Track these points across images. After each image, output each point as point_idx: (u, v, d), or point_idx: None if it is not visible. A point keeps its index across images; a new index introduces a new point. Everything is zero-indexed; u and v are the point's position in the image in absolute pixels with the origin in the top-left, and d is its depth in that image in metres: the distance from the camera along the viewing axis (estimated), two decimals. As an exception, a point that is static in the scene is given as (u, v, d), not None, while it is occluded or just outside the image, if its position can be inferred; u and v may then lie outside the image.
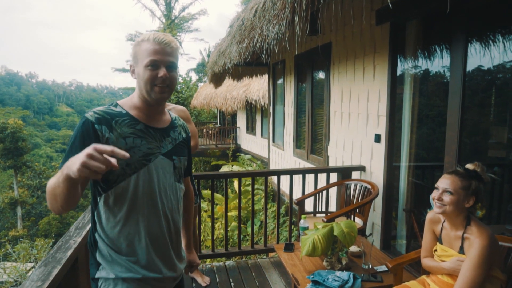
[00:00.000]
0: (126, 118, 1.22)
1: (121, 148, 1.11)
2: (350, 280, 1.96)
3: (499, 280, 1.56)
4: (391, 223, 3.32)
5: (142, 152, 1.21)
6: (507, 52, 2.41)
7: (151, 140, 1.25)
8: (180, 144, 1.37)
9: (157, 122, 1.30)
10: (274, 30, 2.75)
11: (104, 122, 1.17)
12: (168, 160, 1.29)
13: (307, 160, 5.15)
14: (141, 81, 1.21)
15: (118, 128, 1.18)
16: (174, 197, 1.32)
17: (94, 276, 1.23)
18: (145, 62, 1.19)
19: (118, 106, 1.25)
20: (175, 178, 1.33)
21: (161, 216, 1.26)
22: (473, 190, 1.58)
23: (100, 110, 1.20)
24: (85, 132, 1.14)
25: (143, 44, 1.21)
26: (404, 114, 3.10)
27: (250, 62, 5.42)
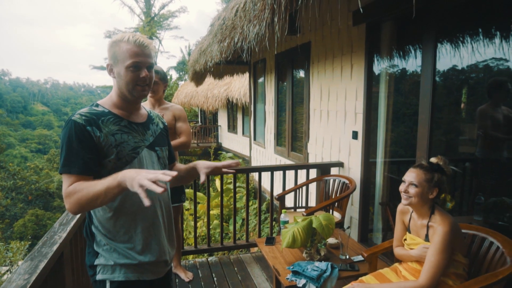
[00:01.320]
0: (110, 116, 1.29)
1: (112, 145, 1.25)
2: (328, 270, 2.06)
3: (462, 263, 1.69)
4: (368, 216, 3.46)
5: (130, 146, 1.30)
6: (475, 52, 2.56)
7: (136, 134, 1.34)
8: (159, 135, 1.46)
9: (137, 117, 1.39)
10: (254, 30, 2.82)
11: (93, 123, 1.24)
12: (151, 151, 1.38)
13: (288, 157, 5.25)
14: (122, 81, 1.29)
15: (105, 126, 1.26)
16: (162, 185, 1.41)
17: (93, 263, 1.31)
18: (127, 63, 1.26)
19: (99, 106, 1.32)
20: (161, 167, 1.43)
21: (153, 204, 1.34)
22: (436, 182, 1.70)
23: (85, 112, 1.26)
24: (80, 134, 1.20)
25: (122, 45, 1.27)
26: (380, 112, 3.23)
27: (231, 61, 5.46)
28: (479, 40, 2.55)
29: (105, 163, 1.25)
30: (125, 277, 1.30)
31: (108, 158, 1.25)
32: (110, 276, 1.30)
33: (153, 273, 1.37)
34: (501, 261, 1.65)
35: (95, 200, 1.14)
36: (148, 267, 1.34)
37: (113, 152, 1.25)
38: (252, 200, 6.70)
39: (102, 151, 1.24)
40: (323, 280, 1.99)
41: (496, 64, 2.48)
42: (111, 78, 1.35)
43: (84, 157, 1.20)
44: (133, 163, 1.30)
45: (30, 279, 1.28)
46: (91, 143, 1.22)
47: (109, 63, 1.31)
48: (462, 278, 1.70)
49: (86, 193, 1.14)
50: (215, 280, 3.07)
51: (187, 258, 3.62)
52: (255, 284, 2.98)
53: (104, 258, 1.29)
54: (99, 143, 1.23)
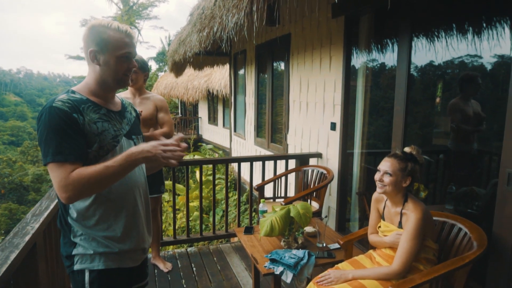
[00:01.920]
0: (89, 104, 1.26)
1: (95, 133, 1.22)
2: (305, 257, 2.10)
3: (432, 249, 1.75)
4: (346, 206, 3.53)
5: (111, 135, 1.28)
6: (449, 47, 2.63)
7: (114, 122, 1.32)
8: (134, 124, 1.45)
9: (114, 105, 1.37)
10: (233, 19, 2.80)
11: (76, 110, 1.20)
12: (129, 140, 1.37)
13: (268, 148, 5.28)
14: (110, 70, 1.27)
15: (86, 114, 1.22)
16: (141, 172, 1.41)
17: (70, 254, 1.28)
18: (120, 53, 1.25)
19: (76, 93, 1.27)
20: None
21: (133, 192, 1.34)
22: (409, 171, 1.76)
23: (65, 99, 1.21)
24: (68, 120, 1.16)
25: (111, 33, 1.24)
26: (358, 104, 3.28)
27: (211, 51, 5.42)
28: (453, 35, 2.63)
29: (88, 152, 1.22)
30: (105, 265, 1.28)
31: (91, 147, 1.22)
32: (89, 265, 1.27)
33: (133, 261, 1.37)
34: (468, 246, 1.73)
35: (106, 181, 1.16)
36: (128, 254, 1.34)
37: (95, 141, 1.22)
38: (232, 192, 6.71)
39: (86, 138, 1.20)
40: (300, 267, 2.02)
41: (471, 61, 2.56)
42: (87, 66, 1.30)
43: (77, 143, 1.17)
44: (114, 151, 1.27)
45: (0, 270, 1.25)
46: (80, 130, 1.18)
47: (93, 49, 1.24)
48: (432, 263, 1.76)
49: (97, 175, 1.13)
50: (194, 270, 3.07)
51: (167, 249, 3.61)
52: (234, 273, 3.00)
53: (83, 248, 1.27)
54: (84, 130, 1.20)
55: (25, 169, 21.80)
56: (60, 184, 1.12)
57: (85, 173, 1.13)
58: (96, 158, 1.23)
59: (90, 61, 1.27)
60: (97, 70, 1.28)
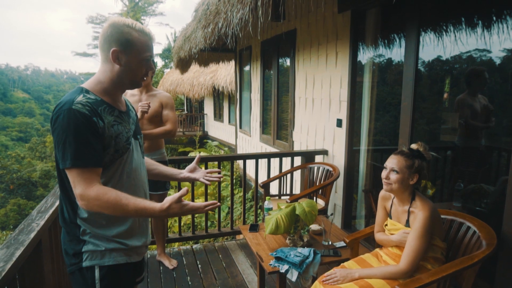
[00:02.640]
0: (105, 106, 1.24)
1: (112, 136, 1.22)
2: (311, 255, 2.08)
3: (440, 248, 1.73)
4: (352, 203, 3.50)
5: (124, 137, 1.29)
6: (458, 42, 2.58)
7: (125, 124, 1.32)
8: (137, 123, 1.46)
9: (122, 105, 1.36)
10: (238, 15, 2.77)
11: (96, 113, 1.19)
12: (136, 140, 1.38)
13: (273, 145, 5.25)
14: (131, 72, 1.26)
15: (105, 117, 1.22)
16: (145, 173, 1.45)
17: (80, 251, 1.26)
18: (144, 56, 1.25)
19: (90, 93, 1.24)
20: (142, 155, 1.45)
21: (140, 191, 1.37)
22: (416, 168, 1.73)
23: (84, 101, 1.18)
24: (88, 124, 1.15)
25: (137, 35, 1.23)
26: (364, 100, 3.24)
27: (216, 48, 5.39)
28: (461, 30, 2.57)
29: (104, 154, 1.22)
30: (115, 261, 1.30)
31: (107, 149, 1.22)
32: (100, 261, 1.27)
33: (138, 255, 1.42)
34: (477, 245, 1.70)
35: (117, 214, 1.17)
36: (135, 249, 1.38)
37: (111, 144, 1.23)
38: (238, 188, 6.71)
39: (103, 141, 1.20)
40: (306, 265, 2.01)
41: (479, 55, 2.51)
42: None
43: (97, 148, 1.17)
44: (127, 153, 1.29)
45: (5, 267, 1.25)
46: (99, 134, 1.18)
47: (116, 49, 1.21)
48: (440, 262, 1.74)
49: (113, 206, 1.14)
50: (199, 267, 3.07)
51: (172, 246, 3.62)
52: (239, 270, 3.00)
53: (93, 245, 1.26)
54: (102, 134, 1.19)
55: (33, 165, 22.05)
56: (78, 193, 1.14)
57: (105, 197, 1.13)
58: (112, 161, 1.24)
59: (110, 60, 1.23)
60: (116, 70, 1.25)
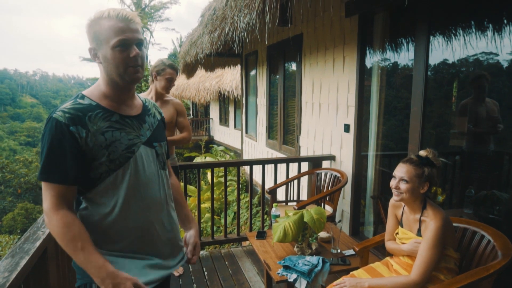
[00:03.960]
0: (99, 111, 1.13)
1: (102, 145, 1.09)
2: (320, 264, 2.04)
3: (453, 258, 1.67)
4: (360, 210, 3.45)
5: (124, 145, 1.14)
6: (467, 46, 2.54)
7: (130, 130, 1.18)
8: (157, 128, 1.30)
9: (131, 109, 1.22)
10: (245, 20, 2.76)
11: (78, 121, 1.08)
12: (149, 148, 1.23)
13: (280, 150, 5.22)
14: (111, 65, 1.11)
15: (93, 124, 1.10)
16: (161, 186, 1.26)
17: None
18: (113, 42, 1.08)
19: (85, 98, 1.15)
20: (160, 165, 1.27)
21: (149, 208, 1.21)
22: (426, 176, 1.67)
23: (69, 107, 1.09)
24: (60, 135, 1.05)
25: (103, 23, 1.09)
26: (372, 105, 3.20)
27: (222, 53, 5.40)
28: (471, 33, 2.53)
29: (95, 165, 1.11)
30: None
31: (98, 160, 1.10)
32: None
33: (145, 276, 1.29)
34: (492, 255, 1.64)
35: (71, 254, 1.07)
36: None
37: (103, 154, 1.10)
38: (244, 194, 6.67)
39: (90, 153, 1.09)
40: (314, 274, 1.97)
41: (486, 58, 2.47)
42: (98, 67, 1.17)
43: (66, 164, 1.06)
44: (128, 164, 1.14)
45: (10, 277, 1.23)
46: (75, 147, 1.06)
47: (91, 46, 1.12)
48: (454, 272, 1.69)
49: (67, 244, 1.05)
50: (205, 274, 3.04)
51: (178, 252, 3.58)
52: (246, 278, 2.96)
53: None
54: (86, 144, 1.08)
55: (41, 170, 22.21)
56: (44, 207, 1.07)
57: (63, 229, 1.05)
58: (108, 172, 1.12)
59: (94, 60, 1.15)
60: (102, 69, 1.15)
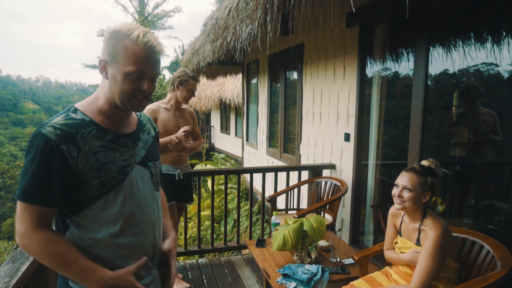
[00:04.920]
0: (92, 128, 1.03)
1: (93, 167, 1.00)
2: (319, 273, 2.04)
3: (452, 268, 1.68)
4: (360, 219, 3.45)
5: (117, 167, 1.05)
6: (467, 56, 2.57)
7: (124, 149, 1.08)
8: (152, 146, 1.22)
9: (126, 126, 1.13)
10: (247, 29, 2.80)
11: (69, 139, 0.97)
12: (144, 168, 1.14)
13: (280, 158, 5.23)
14: (116, 88, 1.02)
15: (85, 143, 1.00)
16: (156, 209, 1.18)
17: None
18: (129, 69, 1.00)
19: (78, 112, 1.04)
20: (154, 186, 1.19)
21: (144, 233, 1.12)
22: (429, 186, 1.69)
23: (60, 123, 0.99)
24: (49, 155, 0.95)
25: (127, 43, 0.99)
26: (372, 114, 3.22)
27: (224, 61, 5.44)
28: (470, 44, 2.56)
29: (84, 188, 1.00)
30: None
31: (88, 183, 1.00)
32: None
33: None
34: (492, 265, 1.64)
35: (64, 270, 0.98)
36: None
37: (94, 176, 1.00)
38: (244, 202, 6.67)
39: (79, 174, 0.99)
40: (314, 283, 1.97)
41: (487, 69, 2.49)
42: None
43: (52, 186, 0.95)
44: (121, 187, 1.05)
45: (11, 282, 1.24)
46: (64, 168, 0.96)
47: (103, 58, 1.02)
48: (453, 282, 1.69)
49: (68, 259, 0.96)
50: (205, 282, 3.03)
51: (177, 260, 3.58)
52: (245, 286, 2.94)
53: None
54: (76, 165, 0.98)
55: (41, 176, 22.20)
56: (20, 230, 0.96)
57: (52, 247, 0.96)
58: (98, 195, 1.02)
59: (100, 73, 1.05)
60: (107, 85, 1.05)
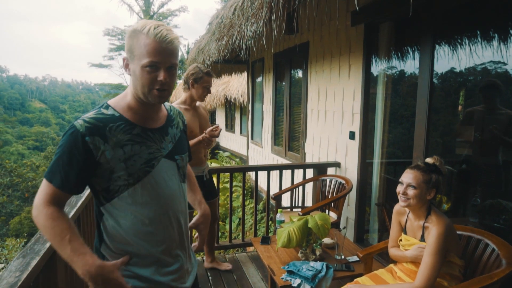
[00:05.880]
0: (120, 122, 1.11)
1: (120, 159, 1.08)
2: (323, 270, 2.05)
3: (457, 265, 1.68)
4: (364, 217, 3.45)
5: (143, 159, 1.12)
6: (473, 55, 2.55)
7: (151, 143, 1.15)
8: (180, 140, 1.28)
9: (155, 121, 1.19)
10: (252, 28, 2.81)
11: (96, 132, 1.06)
12: (170, 161, 1.21)
13: (285, 157, 5.24)
14: (137, 82, 1.09)
15: (113, 136, 1.08)
16: (181, 199, 1.25)
17: None
18: (143, 62, 1.06)
19: (109, 108, 1.13)
20: (180, 178, 1.25)
21: (170, 222, 1.20)
22: (434, 183, 1.70)
23: (91, 117, 1.08)
24: (73, 145, 1.04)
25: (141, 38, 1.06)
26: (377, 113, 3.22)
27: (229, 60, 5.46)
28: (477, 43, 2.55)
29: (113, 178, 1.09)
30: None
31: (117, 173, 1.09)
32: None
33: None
34: (496, 263, 1.65)
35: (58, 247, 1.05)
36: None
37: (121, 168, 1.08)
38: (249, 200, 6.69)
39: (108, 165, 1.08)
40: (318, 280, 1.98)
41: (494, 67, 2.48)
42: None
43: (68, 173, 1.05)
44: (146, 179, 1.12)
45: (21, 277, 1.26)
46: (86, 159, 1.05)
47: (125, 56, 1.11)
48: (458, 279, 1.69)
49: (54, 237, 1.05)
50: (210, 279, 3.05)
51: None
52: (250, 283, 2.97)
53: None
54: (103, 156, 1.06)
55: (48, 174, 22.39)
56: (35, 201, 1.07)
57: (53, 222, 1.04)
58: (126, 186, 1.10)
59: (125, 71, 1.14)
60: (131, 81, 1.13)
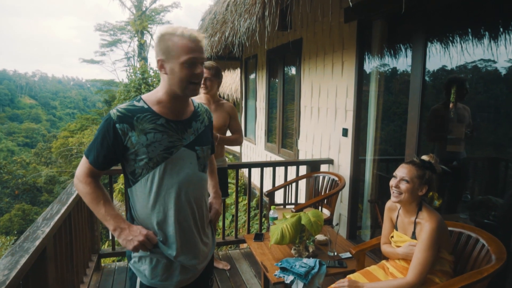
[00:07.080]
0: (147, 113, 1.28)
1: (143, 144, 1.26)
2: (316, 266, 2.06)
3: (447, 261, 1.70)
4: (357, 213, 3.47)
5: (163, 146, 1.28)
6: (464, 52, 2.57)
7: (172, 133, 1.31)
8: (203, 133, 1.42)
9: (180, 114, 1.35)
10: (245, 24, 2.79)
11: (125, 120, 1.24)
12: (190, 151, 1.35)
13: (278, 153, 5.25)
14: (176, 78, 1.25)
15: (139, 124, 1.26)
16: (198, 187, 1.40)
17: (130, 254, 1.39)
18: (183, 59, 1.22)
19: (141, 100, 1.31)
20: (199, 168, 1.39)
21: (186, 206, 1.35)
22: (427, 180, 1.71)
23: (123, 107, 1.27)
24: (105, 131, 1.24)
25: (176, 40, 1.22)
26: (370, 110, 3.23)
27: (222, 56, 5.43)
28: (468, 40, 2.57)
29: (138, 161, 1.27)
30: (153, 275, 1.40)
31: (140, 156, 1.26)
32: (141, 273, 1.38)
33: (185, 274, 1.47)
34: (486, 259, 1.67)
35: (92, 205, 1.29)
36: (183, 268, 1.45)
37: (144, 152, 1.25)
38: (242, 196, 6.69)
39: (133, 149, 1.25)
40: (311, 276, 1.99)
41: (485, 65, 2.50)
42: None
43: (99, 153, 1.26)
44: (165, 163, 1.29)
45: (10, 275, 1.25)
46: (116, 142, 1.24)
47: (160, 58, 1.26)
48: (448, 275, 1.71)
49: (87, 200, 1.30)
50: (203, 276, 3.05)
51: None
52: (243, 280, 2.97)
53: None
54: (130, 141, 1.24)
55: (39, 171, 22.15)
56: (77, 172, 1.31)
57: (90, 189, 1.29)
58: (147, 170, 1.28)
59: (159, 71, 1.29)
60: (165, 79, 1.28)
